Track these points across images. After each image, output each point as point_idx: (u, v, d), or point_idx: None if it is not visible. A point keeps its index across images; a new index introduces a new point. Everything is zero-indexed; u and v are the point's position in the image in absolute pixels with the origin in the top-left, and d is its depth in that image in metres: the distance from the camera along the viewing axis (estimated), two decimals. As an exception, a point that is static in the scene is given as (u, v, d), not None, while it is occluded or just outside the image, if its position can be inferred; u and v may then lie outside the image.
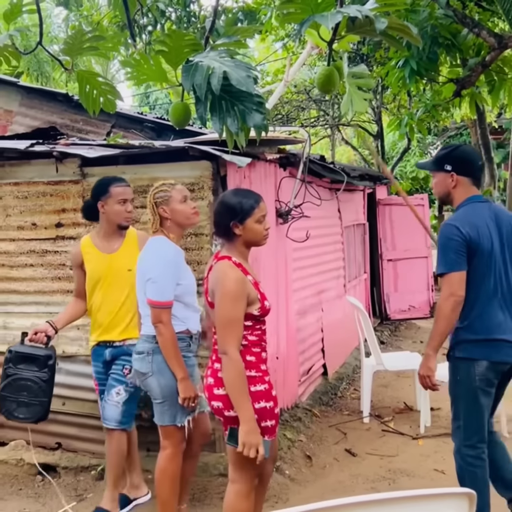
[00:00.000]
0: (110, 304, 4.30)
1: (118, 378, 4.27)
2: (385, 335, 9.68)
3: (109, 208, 4.19)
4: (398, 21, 2.24)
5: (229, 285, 3.23)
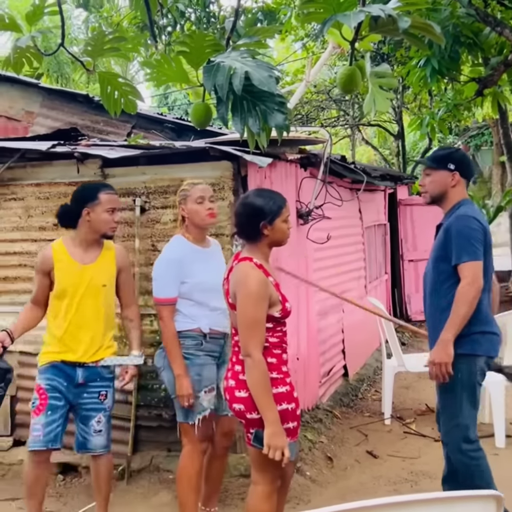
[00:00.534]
0: (85, 322, 3.94)
1: (96, 407, 3.99)
2: (406, 336, 9.62)
3: (95, 216, 3.88)
4: (421, 19, 2.22)
5: (251, 287, 3.21)
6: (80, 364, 3.94)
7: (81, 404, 3.98)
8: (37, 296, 4.06)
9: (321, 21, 2.17)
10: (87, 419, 3.99)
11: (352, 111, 15.78)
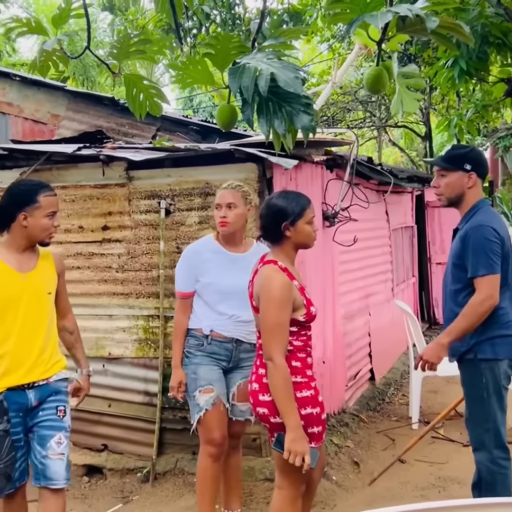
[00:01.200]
0: (30, 336, 3.40)
1: (55, 425, 3.43)
2: (434, 340, 9.52)
3: (34, 222, 3.35)
4: (450, 19, 2.18)
5: (275, 290, 3.19)
6: (29, 385, 3.38)
7: (37, 423, 3.41)
8: None
9: (348, 21, 2.15)
10: (44, 439, 3.39)
11: (379, 112, 15.69)
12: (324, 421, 3.35)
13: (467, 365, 3.68)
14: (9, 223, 3.39)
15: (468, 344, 3.61)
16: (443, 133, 9.35)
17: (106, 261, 5.13)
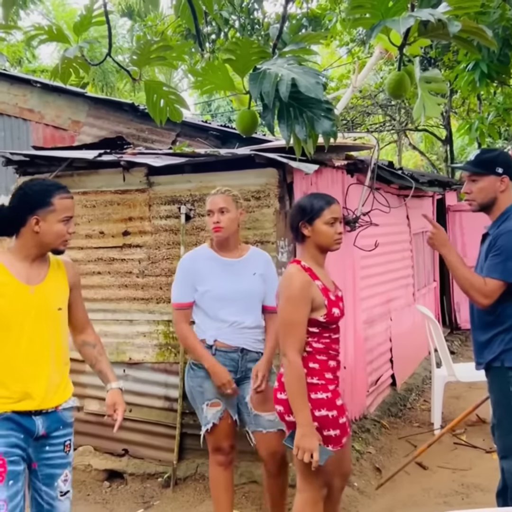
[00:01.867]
0: (37, 358, 3.03)
1: (61, 462, 3.11)
2: (455, 345, 9.45)
3: (47, 227, 2.97)
4: (472, 23, 2.16)
5: (293, 289, 3.24)
6: (38, 412, 3.03)
7: (43, 460, 3.08)
8: None
9: (369, 26, 2.14)
10: (52, 478, 3.08)
11: (399, 116, 15.62)
12: (344, 426, 3.33)
13: (494, 373, 3.60)
14: (18, 228, 3.00)
15: (495, 352, 3.55)
16: (464, 137, 9.30)
17: (126, 266, 5.14)
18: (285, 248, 4.65)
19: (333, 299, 3.33)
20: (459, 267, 3.54)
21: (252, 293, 3.96)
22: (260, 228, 4.72)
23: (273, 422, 3.86)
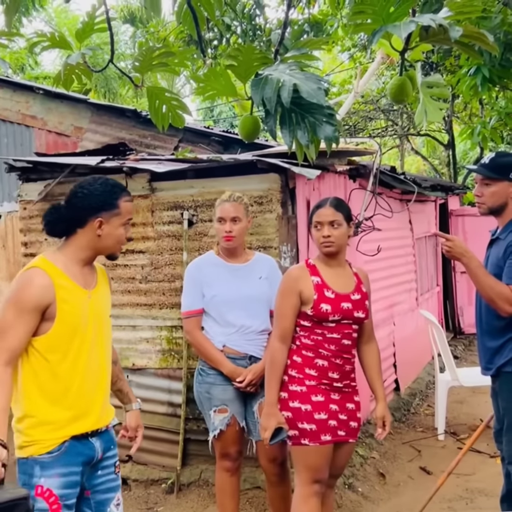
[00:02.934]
0: (97, 370, 2.82)
1: (114, 486, 2.90)
2: (459, 350, 9.44)
3: (110, 231, 2.79)
4: (474, 28, 2.17)
5: (281, 282, 3.51)
6: (94, 432, 2.80)
7: (96, 486, 2.83)
8: (14, 349, 2.63)
9: (370, 32, 2.14)
10: (104, 504, 2.85)
11: (401, 121, 15.63)
12: (323, 423, 3.38)
13: (505, 378, 3.56)
14: (75, 229, 2.77)
15: (506, 357, 3.52)
16: (466, 141, 9.31)
17: (129, 272, 5.15)
18: (287, 253, 4.65)
19: (330, 296, 3.38)
20: (482, 276, 3.49)
21: (259, 297, 3.97)
22: (263, 233, 4.73)
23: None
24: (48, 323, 2.66)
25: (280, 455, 3.91)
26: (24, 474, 2.66)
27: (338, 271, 3.49)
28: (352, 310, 3.42)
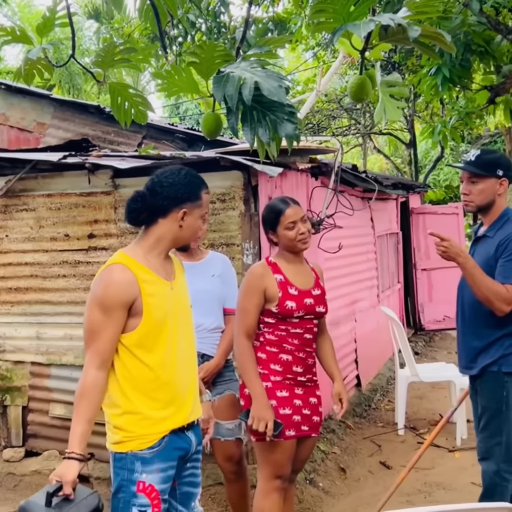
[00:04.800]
0: (186, 361, 2.80)
1: (197, 480, 2.90)
2: (419, 346, 9.57)
3: (191, 222, 2.77)
4: (432, 28, 2.20)
5: (245, 279, 3.51)
6: (190, 425, 2.77)
7: (183, 477, 2.81)
8: (108, 353, 2.59)
9: (331, 30, 2.17)
10: (189, 497, 2.84)
11: (364, 119, 15.77)
12: (288, 418, 3.40)
13: (488, 377, 3.54)
14: (157, 218, 2.71)
15: (493, 356, 3.50)
16: (427, 140, 9.42)
17: (92, 269, 5.11)
18: (250, 250, 4.67)
19: (294, 293, 3.42)
20: (478, 276, 3.43)
21: (211, 294, 3.93)
22: (226, 230, 4.74)
23: (232, 431, 3.87)
24: (135, 319, 2.62)
25: (237, 453, 3.92)
26: (122, 469, 2.63)
27: (298, 268, 3.55)
28: (314, 305, 3.48)
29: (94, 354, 2.56)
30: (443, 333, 10.65)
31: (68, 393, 5.12)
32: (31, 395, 5.24)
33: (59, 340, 5.14)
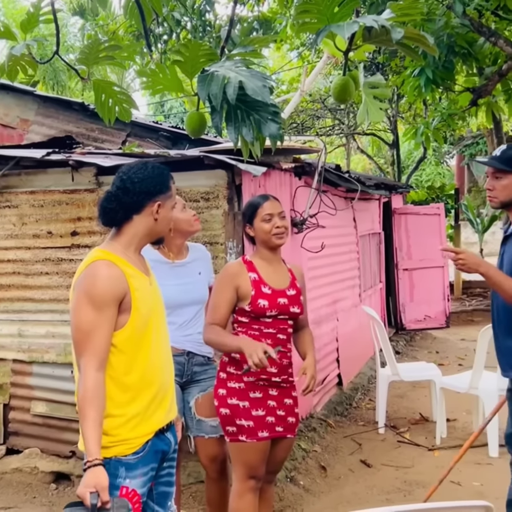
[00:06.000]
0: (166, 358, 2.78)
1: (172, 480, 2.87)
2: (400, 345, 9.63)
3: (165, 213, 2.74)
4: (415, 30, 2.23)
5: (219, 276, 3.56)
6: (168, 425, 2.75)
7: (160, 477, 2.77)
8: (104, 353, 2.51)
9: (315, 31, 2.18)
10: (165, 497, 2.81)
11: (347, 120, 15.82)
12: (261, 419, 3.41)
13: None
14: (131, 215, 2.64)
15: None
16: (410, 141, 9.49)
17: (75, 266, 5.09)
18: (233, 249, 4.68)
19: (267, 292, 3.43)
20: (504, 281, 3.34)
21: (199, 293, 3.97)
22: (209, 229, 4.75)
23: (216, 428, 3.81)
24: (124, 315, 2.55)
25: (221, 451, 3.88)
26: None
27: (274, 268, 3.56)
28: (288, 306, 3.48)
29: (91, 356, 2.45)
30: (424, 333, 10.72)
31: (50, 391, 5.12)
32: (12, 392, 5.22)
33: (41, 338, 5.12)
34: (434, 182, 21.27)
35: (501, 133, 11.25)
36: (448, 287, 10.49)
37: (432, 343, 10.30)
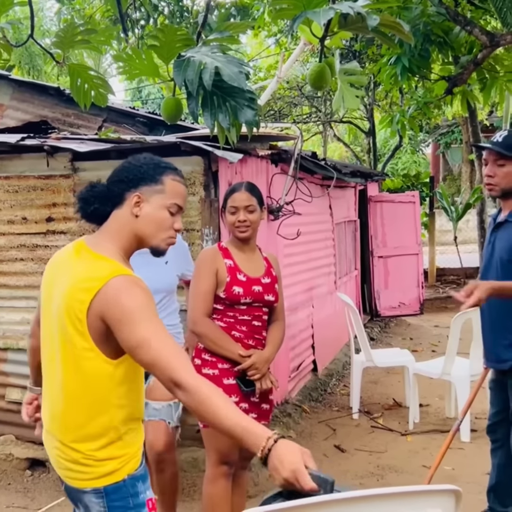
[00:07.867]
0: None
1: None
2: (375, 332, 9.71)
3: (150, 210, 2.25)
4: (390, 18, 2.24)
5: (196, 263, 3.56)
6: None
7: None
8: None
9: (291, 17, 2.19)
10: None
11: (324, 107, 15.84)
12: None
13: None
14: (112, 209, 2.26)
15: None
16: (386, 129, 9.53)
17: (50, 253, 5.07)
18: (210, 236, 4.69)
19: (242, 279, 3.45)
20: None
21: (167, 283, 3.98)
22: (186, 216, 4.74)
23: (158, 411, 3.72)
24: None
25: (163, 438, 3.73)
26: (124, 499, 2.21)
27: (249, 255, 3.57)
28: (263, 293, 3.50)
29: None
30: (398, 320, 10.82)
31: (25, 377, 5.05)
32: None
33: (16, 325, 5.09)
34: (410, 170, 21.41)
35: (475, 122, 11.33)
36: (422, 274, 10.58)
37: (406, 330, 10.39)
